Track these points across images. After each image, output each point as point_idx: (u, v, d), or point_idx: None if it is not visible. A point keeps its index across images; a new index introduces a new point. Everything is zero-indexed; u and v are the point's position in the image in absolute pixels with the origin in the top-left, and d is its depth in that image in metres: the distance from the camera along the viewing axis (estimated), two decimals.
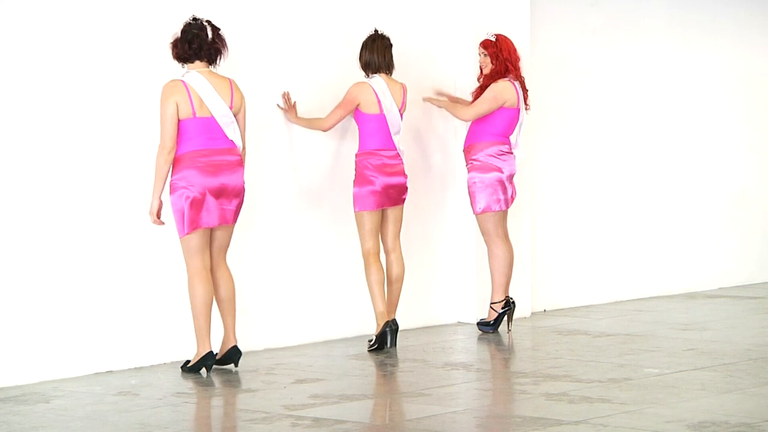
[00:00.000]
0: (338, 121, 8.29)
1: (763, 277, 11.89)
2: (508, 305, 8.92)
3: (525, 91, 8.86)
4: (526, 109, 8.87)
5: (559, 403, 6.49)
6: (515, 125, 8.81)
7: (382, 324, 8.20)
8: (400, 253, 8.41)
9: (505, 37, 8.84)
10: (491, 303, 8.95)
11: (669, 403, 6.47)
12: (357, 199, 8.26)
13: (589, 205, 10.48)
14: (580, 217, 10.41)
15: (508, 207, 8.86)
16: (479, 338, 8.77)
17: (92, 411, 6.41)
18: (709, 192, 11.51)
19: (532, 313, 9.80)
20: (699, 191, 11.41)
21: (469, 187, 8.86)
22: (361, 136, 8.30)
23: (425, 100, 8.94)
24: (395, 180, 8.29)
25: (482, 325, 8.96)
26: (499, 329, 8.94)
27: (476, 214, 8.87)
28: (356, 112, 8.27)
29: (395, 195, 8.31)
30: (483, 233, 8.94)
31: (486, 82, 8.82)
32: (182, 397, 6.73)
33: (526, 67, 9.51)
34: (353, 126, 8.50)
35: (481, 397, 6.95)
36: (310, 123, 8.33)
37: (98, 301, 7.39)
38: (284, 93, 8.27)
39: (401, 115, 8.35)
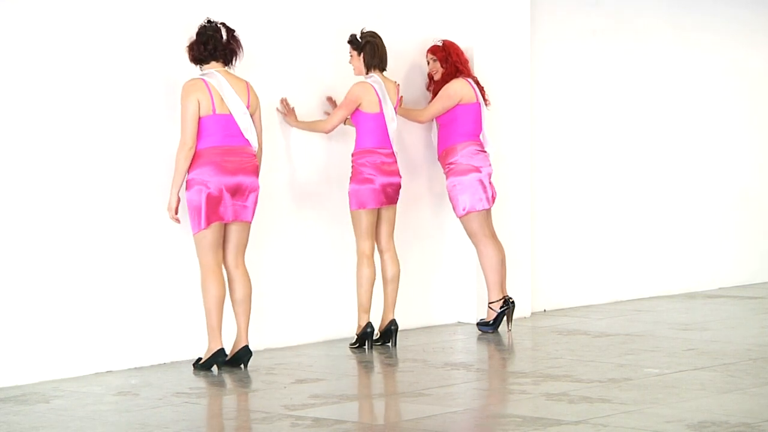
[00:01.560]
0: (341, 122, 8.29)
1: (763, 277, 11.88)
2: (507, 304, 8.91)
3: (481, 87, 8.89)
4: (486, 104, 8.90)
5: (559, 403, 6.49)
6: (481, 122, 8.83)
7: (363, 325, 8.21)
8: (395, 252, 8.41)
9: (452, 41, 8.90)
10: (489, 303, 8.94)
11: (669, 403, 6.47)
12: (355, 198, 8.24)
13: (589, 205, 10.47)
14: (579, 217, 10.41)
15: (490, 206, 8.86)
16: (479, 338, 8.77)
17: (92, 411, 6.41)
18: (710, 192, 11.50)
19: (532, 313, 9.80)
20: (699, 191, 11.41)
21: (449, 192, 8.86)
22: (359, 135, 8.29)
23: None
24: (393, 179, 8.29)
25: (482, 325, 8.96)
26: (499, 329, 8.94)
27: (460, 216, 8.87)
28: (355, 112, 8.26)
29: (392, 194, 8.32)
30: (470, 235, 8.93)
31: (437, 87, 8.86)
32: (182, 397, 6.72)
33: (526, 67, 9.53)
34: (348, 126, 8.49)
35: (481, 397, 6.95)
36: (311, 126, 8.32)
37: (98, 300, 7.38)
38: (282, 99, 8.26)
39: (395, 113, 8.37)
